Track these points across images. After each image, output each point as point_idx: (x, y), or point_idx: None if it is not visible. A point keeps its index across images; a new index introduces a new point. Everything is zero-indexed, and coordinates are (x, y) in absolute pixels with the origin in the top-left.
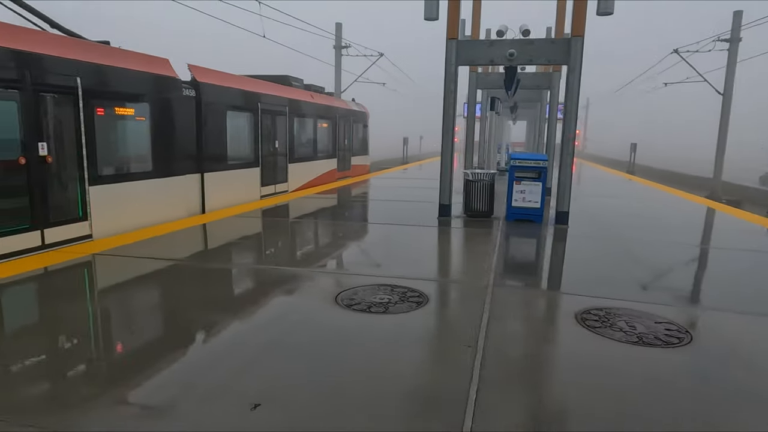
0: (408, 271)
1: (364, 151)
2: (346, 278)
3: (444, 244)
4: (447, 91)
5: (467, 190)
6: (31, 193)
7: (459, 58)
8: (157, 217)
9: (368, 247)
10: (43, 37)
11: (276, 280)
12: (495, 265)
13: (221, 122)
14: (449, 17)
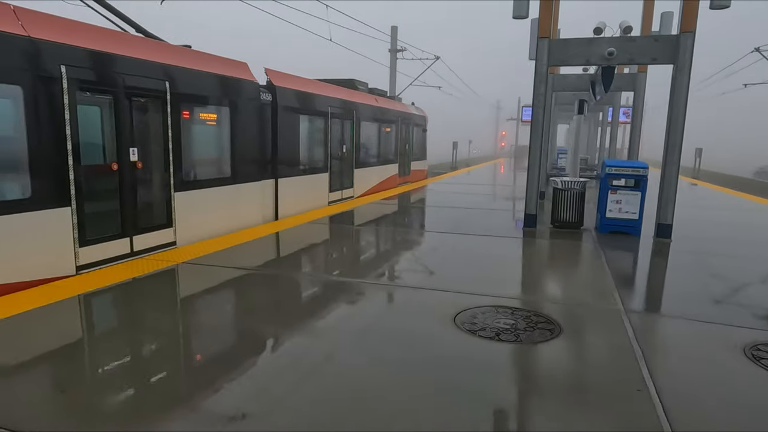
0: (516, 289)
1: (422, 156)
2: (453, 297)
3: (542, 258)
4: (537, 94)
5: (555, 198)
6: (122, 200)
7: (551, 57)
8: (235, 224)
9: (459, 261)
10: (133, 41)
11: (379, 296)
12: (615, 285)
13: (295, 127)
14: (541, 15)
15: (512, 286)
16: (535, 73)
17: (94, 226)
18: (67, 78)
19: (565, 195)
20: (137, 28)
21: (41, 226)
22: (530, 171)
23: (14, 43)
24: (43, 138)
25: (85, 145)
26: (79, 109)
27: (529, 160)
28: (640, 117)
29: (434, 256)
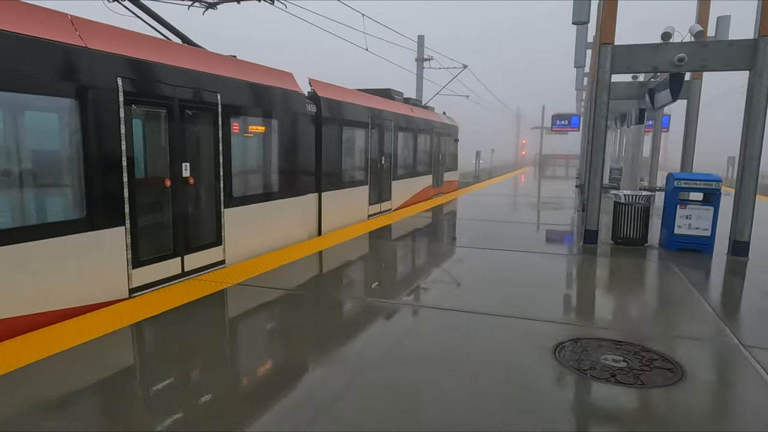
0: (606, 316)
1: (454, 167)
2: (538, 326)
3: (618, 280)
4: (599, 102)
5: (617, 213)
6: (174, 218)
7: (615, 65)
8: (280, 241)
9: (526, 283)
10: (184, 50)
11: (454, 323)
12: (714, 312)
13: (338, 139)
14: (604, 20)
15: (600, 313)
16: (597, 81)
17: (146, 247)
18: (123, 90)
19: (628, 210)
20: (181, 36)
21: (95, 248)
22: (590, 184)
23: (72, 54)
24: (99, 154)
25: (139, 160)
26: (134, 122)
27: (589, 173)
28: (694, 127)
29: (496, 277)
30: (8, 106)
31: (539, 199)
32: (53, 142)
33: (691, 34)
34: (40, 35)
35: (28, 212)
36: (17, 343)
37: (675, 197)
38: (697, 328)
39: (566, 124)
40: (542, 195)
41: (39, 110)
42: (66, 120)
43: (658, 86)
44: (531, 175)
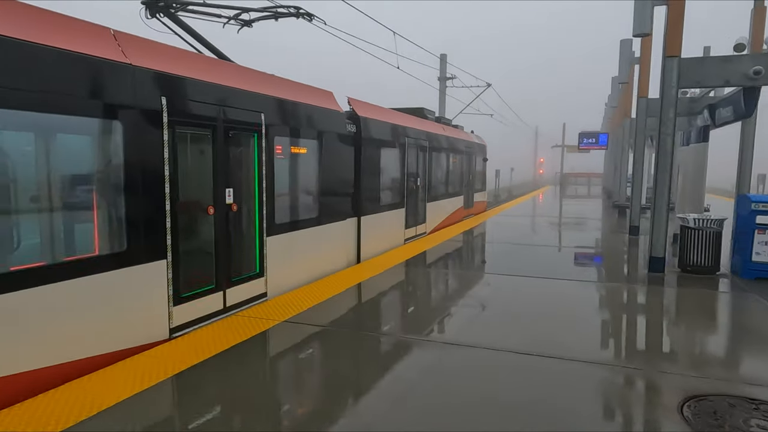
0: (714, 363)
1: (483, 187)
2: (637, 374)
3: (705, 316)
4: (665, 119)
5: (684, 239)
6: (217, 248)
7: (682, 78)
8: (321, 270)
9: (592, 318)
10: (227, 67)
11: (538, 371)
12: None
13: (376, 159)
14: (669, 31)
15: (704, 358)
16: (663, 97)
17: (188, 281)
18: (167, 111)
19: (698, 235)
20: (218, 55)
21: (135, 285)
22: (656, 208)
23: (116, 72)
24: (141, 180)
25: (183, 186)
26: (178, 145)
27: (654, 196)
28: (751, 144)
29: (558, 313)
30: (42, 128)
31: (574, 219)
32: (92, 167)
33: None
34: (80, 50)
35: (60, 247)
36: (50, 399)
37: (751, 221)
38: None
39: (594, 142)
40: (575, 215)
41: (77, 133)
42: (106, 143)
43: (722, 101)
44: (554, 194)
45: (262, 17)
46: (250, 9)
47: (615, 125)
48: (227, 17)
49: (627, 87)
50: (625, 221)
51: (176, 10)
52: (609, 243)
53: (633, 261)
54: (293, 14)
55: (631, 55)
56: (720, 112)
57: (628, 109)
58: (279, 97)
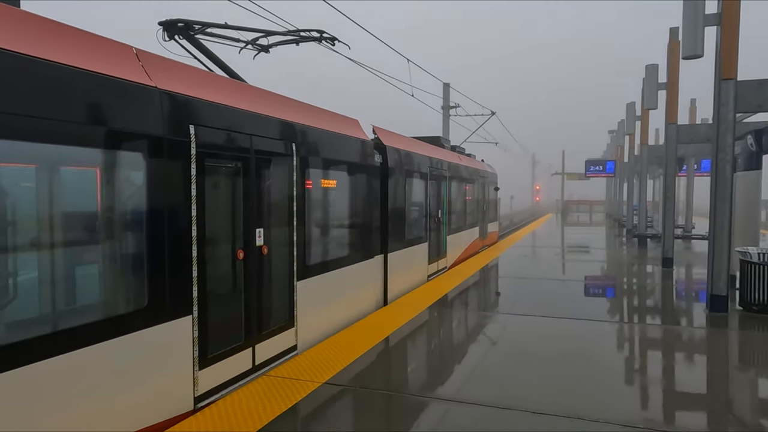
0: None
1: (495, 217)
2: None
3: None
4: (722, 146)
5: (747, 274)
6: (246, 298)
7: (739, 103)
8: (351, 314)
9: (657, 372)
10: (255, 92)
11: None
12: None
13: (402, 192)
14: (724, 52)
15: None
16: (719, 122)
17: (215, 338)
18: (196, 142)
19: (762, 270)
20: (236, 77)
21: (157, 348)
22: (716, 242)
23: (140, 97)
24: (166, 222)
25: (211, 228)
26: (206, 182)
27: (714, 227)
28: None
29: (609, 366)
30: (48, 161)
31: (595, 250)
32: (106, 207)
33: None
34: (99, 70)
35: (69, 309)
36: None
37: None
38: None
39: (601, 170)
40: (593, 245)
41: (90, 165)
42: (131, 180)
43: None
44: (558, 222)
45: (284, 42)
46: (273, 32)
47: (622, 153)
48: (245, 41)
49: (645, 114)
50: (647, 251)
51: (195, 32)
52: (645, 277)
53: (682, 298)
54: (316, 38)
55: (656, 81)
56: (766, 137)
57: (645, 135)
58: (310, 126)
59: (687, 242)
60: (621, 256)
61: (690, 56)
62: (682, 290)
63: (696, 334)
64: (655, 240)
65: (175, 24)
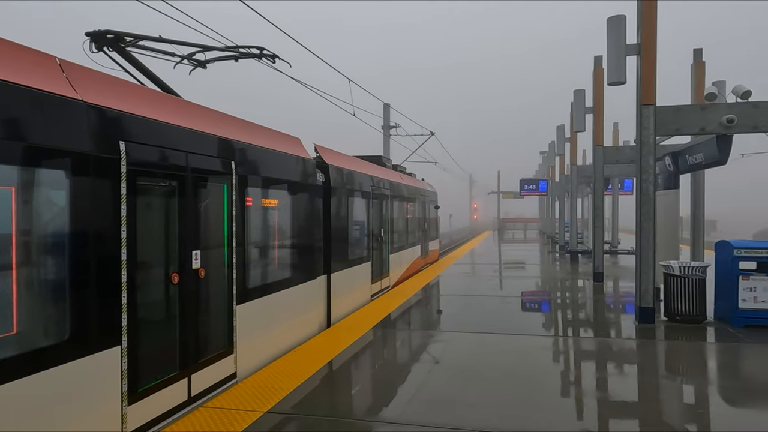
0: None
1: (436, 235)
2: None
3: (731, 378)
4: (644, 167)
5: (669, 286)
6: (182, 324)
7: (659, 127)
8: (293, 339)
9: (601, 389)
10: (190, 108)
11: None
12: None
13: (344, 210)
14: (644, 79)
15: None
16: (641, 144)
17: (147, 370)
18: (126, 159)
19: (683, 282)
20: (164, 88)
21: (80, 382)
22: (642, 257)
23: (64, 110)
24: (92, 245)
25: (143, 251)
26: (138, 202)
27: (639, 244)
28: (702, 191)
29: (558, 376)
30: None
31: (530, 266)
32: (23, 230)
33: (737, 95)
34: (14, 80)
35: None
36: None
37: (734, 268)
38: None
39: (534, 189)
40: (529, 261)
41: (5, 184)
42: (53, 202)
43: (690, 149)
44: (496, 239)
45: (222, 57)
46: (211, 47)
47: (554, 173)
48: (181, 56)
49: (574, 136)
50: (578, 266)
51: (127, 45)
52: (578, 292)
53: (612, 311)
54: (255, 55)
55: (583, 105)
56: (687, 159)
57: (574, 156)
58: (250, 143)
59: (614, 257)
60: (555, 271)
61: (614, 83)
62: (612, 303)
63: (627, 345)
64: (585, 255)
65: (103, 35)
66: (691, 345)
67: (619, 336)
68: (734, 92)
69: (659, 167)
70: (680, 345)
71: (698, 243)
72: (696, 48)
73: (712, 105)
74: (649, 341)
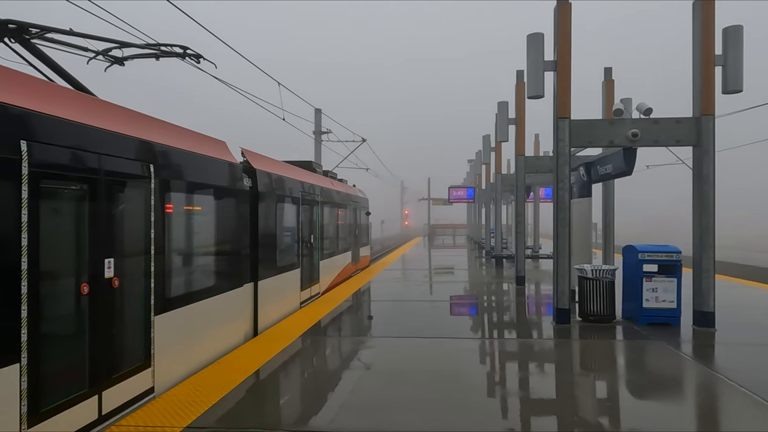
0: None
1: (367, 241)
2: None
3: (635, 371)
4: (561, 176)
5: (584, 289)
6: (91, 339)
7: (574, 139)
8: (217, 349)
9: (521, 386)
10: (102, 106)
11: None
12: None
13: (273, 216)
14: (559, 94)
15: None
16: (557, 155)
17: (51, 389)
18: (29, 160)
19: (595, 285)
20: (84, 91)
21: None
22: (559, 261)
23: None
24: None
25: (48, 260)
26: (42, 206)
27: (556, 249)
28: (612, 198)
29: (485, 377)
30: None
31: (458, 271)
32: None
33: (640, 111)
34: None
35: None
36: None
37: (639, 270)
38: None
39: (462, 196)
40: (457, 266)
41: None
42: None
43: (600, 160)
44: (426, 245)
45: (141, 55)
46: (129, 44)
47: (480, 181)
48: (95, 51)
49: (498, 146)
50: (503, 270)
51: (32, 37)
52: (502, 295)
53: (533, 312)
54: (179, 54)
55: (507, 116)
56: (598, 170)
57: (499, 165)
58: (171, 146)
59: (536, 262)
60: (481, 275)
61: (533, 96)
62: (533, 305)
63: (546, 345)
64: (510, 260)
65: (5, 25)
66: (602, 343)
67: (539, 337)
68: (638, 109)
69: (574, 177)
70: (592, 344)
71: (609, 247)
72: (606, 67)
73: (619, 120)
74: (566, 341)
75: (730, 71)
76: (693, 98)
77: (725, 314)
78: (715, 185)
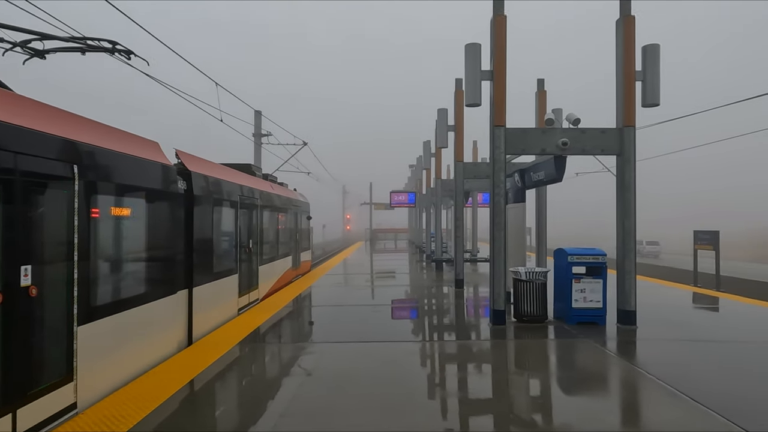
0: None
1: (308, 246)
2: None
3: (567, 371)
4: (497, 182)
5: (518, 291)
6: (6, 351)
7: (509, 146)
8: (149, 359)
9: (461, 389)
10: (22, 101)
11: None
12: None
13: (209, 221)
14: (495, 103)
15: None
16: (493, 161)
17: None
18: None
19: (529, 286)
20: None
21: None
22: (495, 264)
23: None
24: None
25: None
26: None
27: (492, 252)
28: (544, 204)
29: (425, 380)
30: None
31: (399, 275)
32: None
33: (569, 121)
34: None
35: None
36: None
37: (569, 272)
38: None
39: (404, 201)
40: (398, 270)
41: None
42: None
43: (533, 167)
44: (368, 249)
45: (65, 48)
46: (51, 36)
47: (421, 186)
48: (12, 42)
49: (438, 152)
50: (443, 273)
51: None
52: (442, 298)
53: (471, 314)
54: (107, 49)
55: (446, 123)
56: (531, 176)
57: (439, 171)
58: (98, 146)
59: (474, 265)
60: (422, 279)
61: (471, 104)
62: (472, 307)
63: (483, 346)
64: (449, 264)
65: None
66: (535, 342)
67: (477, 338)
68: (567, 119)
69: (510, 183)
70: (526, 343)
71: (542, 250)
72: (539, 78)
73: (550, 129)
74: (501, 341)
75: (648, 86)
76: (616, 110)
77: (645, 312)
78: (635, 192)
